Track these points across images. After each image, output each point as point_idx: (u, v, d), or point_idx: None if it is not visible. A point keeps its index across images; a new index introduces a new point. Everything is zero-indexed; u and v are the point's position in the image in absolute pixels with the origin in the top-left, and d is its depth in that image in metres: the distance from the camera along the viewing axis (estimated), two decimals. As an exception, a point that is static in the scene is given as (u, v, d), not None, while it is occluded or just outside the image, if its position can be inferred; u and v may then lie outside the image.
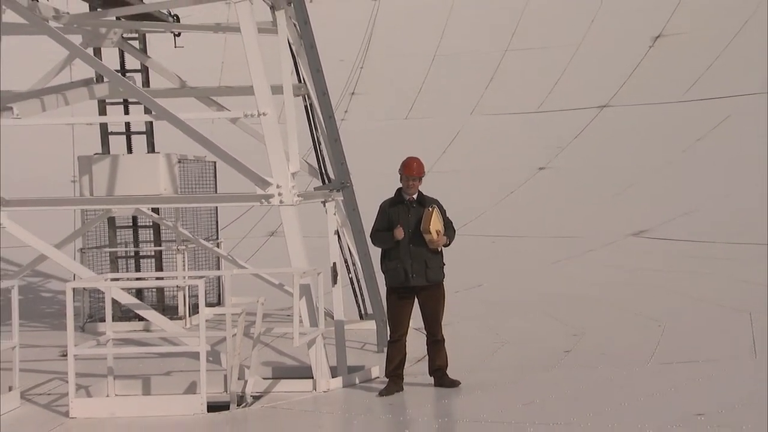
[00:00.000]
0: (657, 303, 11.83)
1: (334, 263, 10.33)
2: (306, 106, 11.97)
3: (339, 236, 11.17)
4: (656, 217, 14.86)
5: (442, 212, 8.98)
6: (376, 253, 9.50)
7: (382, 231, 8.95)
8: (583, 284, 13.17)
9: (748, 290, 11.56)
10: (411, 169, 8.98)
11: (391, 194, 9.08)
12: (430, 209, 8.80)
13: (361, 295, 12.38)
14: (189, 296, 13.06)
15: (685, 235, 14.04)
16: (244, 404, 8.81)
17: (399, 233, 8.72)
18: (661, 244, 14.16)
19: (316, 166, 12.05)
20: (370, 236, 9.28)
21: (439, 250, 8.90)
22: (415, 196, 8.96)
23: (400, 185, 9.01)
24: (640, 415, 7.64)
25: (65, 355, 8.90)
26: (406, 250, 8.81)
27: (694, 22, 19.82)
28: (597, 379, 9.28)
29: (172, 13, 12.73)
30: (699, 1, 20.08)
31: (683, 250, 13.75)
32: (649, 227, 14.70)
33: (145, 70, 13.64)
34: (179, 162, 12.41)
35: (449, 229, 8.98)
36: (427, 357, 9.12)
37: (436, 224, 8.77)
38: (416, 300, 8.94)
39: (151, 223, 14.06)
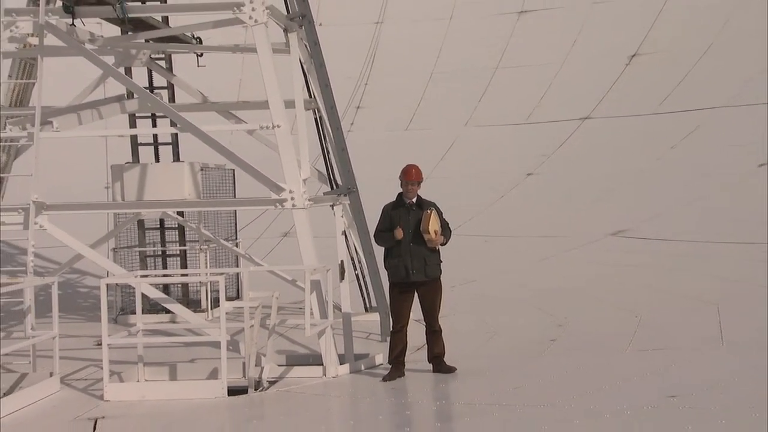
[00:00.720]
0: (634, 296, 11.84)
1: (342, 261, 10.34)
2: (316, 119, 11.98)
3: (346, 236, 11.18)
4: (633, 218, 14.86)
5: (440, 214, 9.01)
6: (379, 251, 9.51)
7: (384, 231, 8.98)
8: (567, 279, 13.17)
9: (716, 285, 11.57)
10: (410, 175, 9.02)
11: (393, 198, 9.12)
12: (429, 212, 8.83)
13: (366, 289, 12.40)
14: (211, 291, 13.08)
15: (660, 234, 14.04)
16: (260, 388, 8.85)
17: (399, 233, 8.76)
18: (638, 242, 14.15)
19: (325, 173, 12.05)
20: (374, 236, 9.31)
21: (437, 248, 8.93)
22: (414, 200, 8.98)
23: (401, 190, 9.07)
24: (619, 397, 7.67)
25: (100, 344, 8.95)
26: (407, 249, 8.84)
27: (666, 42, 19.82)
28: (580, 365, 9.29)
29: (195, 36, 12.75)
30: (670, 24, 20.10)
31: (658, 249, 13.76)
32: (627, 227, 14.69)
33: (170, 87, 13.65)
34: (202, 170, 12.41)
35: (446, 229, 9.02)
36: (426, 346, 9.13)
37: (434, 225, 8.80)
38: (416, 294, 8.99)
39: (176, 225, 14.06)
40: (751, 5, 19.35)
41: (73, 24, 10.78)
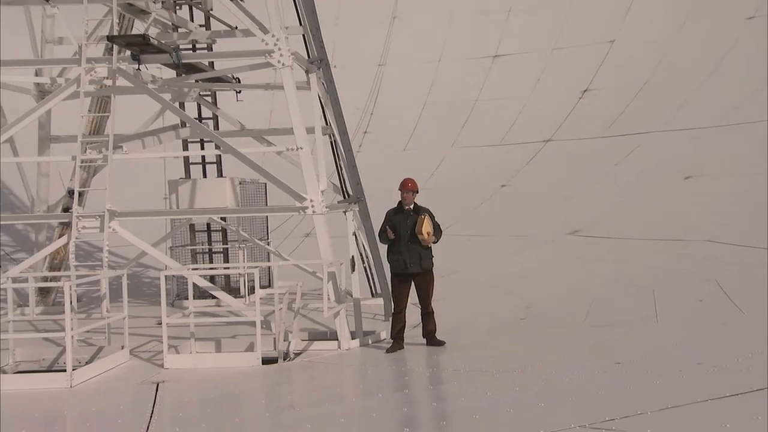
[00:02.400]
0: (588, 282, 11.80)
1: (353, 256, 10.39)
2: (331, 142, 12.01)
3: (356, 237, 11.21)
4: (586, 220, 14.84)
5: (432, 218, 9.04)
6: (382, 247, 9.55)
7: (383, 232, 9.06)
8: (533, 270, 13.14)
9: (653, 273, 11.54)
10: (406, 186, 9.08)
11: (394, 205, 9.15)
12: (422, 217, 8.87)
13: (372, 279, 12.41)
14: (247, 281, 13.09)
15: (608, 233, 14.02)
16: (288, 359, 8.89)
17: (390, 234, 8.87)
18: (590, 240, 14.13)
19: (339, 186, 12.09)
20: (378, 235, 9.36)
21: (429, 246, 8.95)
22: (411, 206, 9.02)
23: (400, 199, 9.10)
24: (576, 364, 7.69)
25: (160, 324, 8.97)
26: (405, 246, 8.88)
27: (611, 80, 19.82)
28: (545, 339, 9.33)
29: (234, 76, 12.79)
30: (614, 65, 20.09)
31: (606, 245, 13.72)
32: (581, 228, 14.68)
33: (215, 118, 13.69)
34: (240, 183, 12.44)
35: (437, 230, 9.03)
36: (420, 324, 9.18)
37: (427, 227, 8.83)
38: (412, 282, 9.01)
39: (220, 228, 14.10)
40: (678, 49, 19.39)
41: (138, 69, 10.84)
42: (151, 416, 6.50)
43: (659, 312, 9.74)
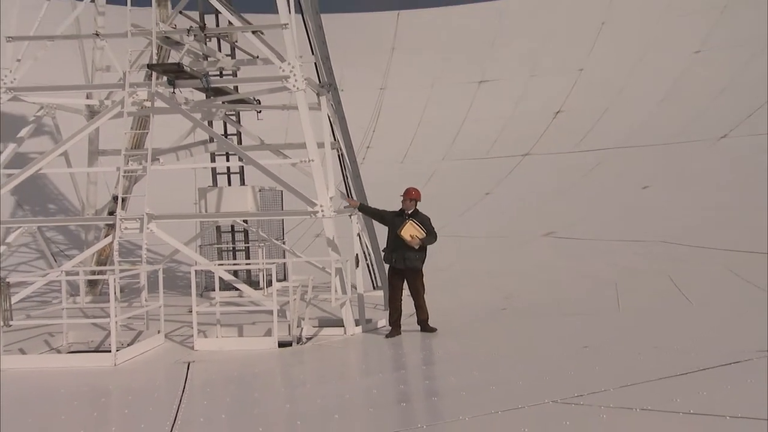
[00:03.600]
0: (559, 277, 11.83)
1: (357, 254, 10.36)
2: (339, 155, 12.03)
3: (360, 237, 11.19)
4: (559, 223, 14.85)
5: (429, 223, 8.88)
6: (382, 248, 9.54)
7: (375, 211, 9.14)
8: (513, 266, 13.16)
9: (616, 269, 11.55)
10: (409, 194, 9.03)
11: (395, 209, 9.13)
12: (409, 221, 8.79)
13: (374, 274, 12.41)
14: (266, 275, 13.09)
15: (578, 235, 14.03)
16: (300, 342, 8.90)
17: (352, 203, 9.28)
18: (563, 240, 14.14)
19: (345, 193, 12.10)
20: (360, 207, 9.54)
21: (416, 247, 8.70)
22: (410, 212, 8.96)
23: (401, 205, 9.04)
24: (549, 348, 7.68)
25: (190, 311, 9.00)
26: (396, 245, 8.81)
27: (580, 102, 19.86)
28: (522, 326, 9.30)
29: (255, 98, 12.81)
30: (583, 90, 20.15)
31: (576, 244, 13.73)
32: (555, 230, 14.68)
33: (239, 134, 13.68)
34: (260, 191, 12.43)
35: (430, 235, 8.84)
36: (414, 313, 9.16)
37: (409, 231, 8.70)
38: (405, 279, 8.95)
39: (242, 229, 14.08)
40: (637, 78, 19.45)
41: (173, 92, 10.86)
42: (183, 391, 6.49)
43: (621, 302, 9.73)
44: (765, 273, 9.21)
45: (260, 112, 13.18)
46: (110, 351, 7.90)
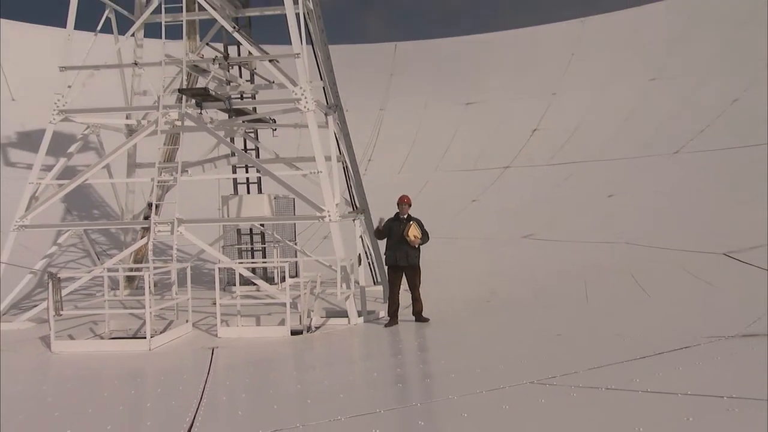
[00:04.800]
0: (537, 275, 11.81)
1: (359, 254, 10.35)
2: (344, 167, 12.05)
3: (362, 239, 11.19)
4: (536, 226, 14.85)
5: (422, 225, 8.93)
6: (382, 247, 9.51)
7: (380, 229, 9.02)
8: (496, 264, 13.14)
9: (585, 267, 11.52)
10: (403, 200, 9.03)
11: (391, 215, 9.11)
12: (410, 224, 8.84)
13: (374, 271, 12.41)
14: (280, 272, 13.08)
15: (553, 237, 14.03)
16: (310, 331, 8.85)
17: (381, 225, 8.96)
18: (539, 242, 14.14)
19: (349, 200, 12.12)
20: (375, 232, 9.28)
21: (416, 246, 8.83)
22: (405, 216, 8.98)
23: (398, 210, 9.06)
24: (527, 335, 7.67)
25: (214, 304, 8.99)
26: (397, 246, 8.83)
27: (555, 122, 19.90)
28: (505, 317, 9.25)
29: (271, 118, 12.82)
30: (557, 112, 20.19)
31: (552, 245, 13.73)
32: (533, 233, 14.69)
33: (256, 149, 13.68)
34: (275, 198, 12.45)
35: (425, 235, 8.90)
36: (410, 305, 9.13)
37: (413, 232, 8.78)
38: (404, 273, 8.97)
39: (259, 232, 14.07)
40: (602, 101, 19.48)
41: (200, 113, 10.88)
42: (208, 372, 6.50)
43: (589, 296, 9.73)
44: (713, 270, 9.21)
45: (275, 129, 13.18)
46: (145, 337, 7.90)
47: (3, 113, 17.35)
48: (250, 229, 14.09)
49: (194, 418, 4.87)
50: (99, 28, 11.42)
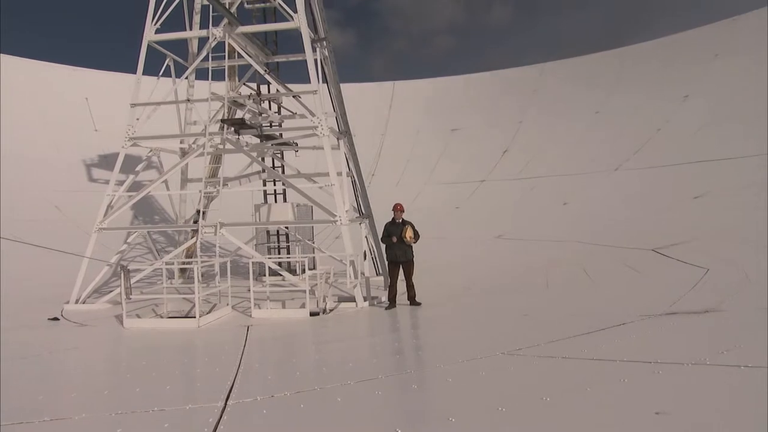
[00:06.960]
0: (507, 267, 11.76)
1: (365, 251, 10.34)
2: (352, 181, 12.06)
3: (367, 239, 11.19)
4: (507, 229, 14.82)
5: (414, 227, 8.95)
6: (382, 246, 9.50)
7: (385, 237, 9.01)
8: (475, 259, 13.14)
9: (546, 261, 11.47)
10: (397, 208, 9.02)
11: (389, 219, 9.10)
12: (406, 226, 8.84)
13: (376, 264, 12.40)
14: (301, 265, 13.07)
15: (520, 236, 14.01)
16: (325, 313, 8.82)
17: (394, 239, 8.76)
18: (510, 241, 14.12)
19: (357, 207, 12.11)
20: (382, 239, 9.25)
21: (411, 245, 8.83)
22: (400, 220, 8.99)
23: (394, 216, 9.06)
24: (498, 314, 7.62)
25: (249, 291, 8.97)
26: (397, 245, 8.83)
27: (524, 144, 19.91)
28: (481, 300, 9.21)
29: (294, 141, 12.83)
30: (526, 135, 20.19)
31: (519, 243, 13.72)
32: (504, 233, 14.66)
33: (282, 166, 13.68)
34: (296, 206, 12.45)
35: (417, 235, 8.90)
36: (406, 292, 9.11)
37: (409, 233, 8.78)
38: (401, 267, 8.94)
39: (285, 233, 14.05)
40: (557, 124, 19.47)
41: (238, 138, 10.90)
42: (245, 345, 6.50)
43: (548, 283, 9.71)
44: (644, 262, 9.21)
45: (297, 151, 13.21)
46: (195, 317, 7.92)
47: (89, 141, 17.84)
48: (277, 231, 14.06)
49: (233, 381, 4.88)
50: (161, 73, 11.63)
